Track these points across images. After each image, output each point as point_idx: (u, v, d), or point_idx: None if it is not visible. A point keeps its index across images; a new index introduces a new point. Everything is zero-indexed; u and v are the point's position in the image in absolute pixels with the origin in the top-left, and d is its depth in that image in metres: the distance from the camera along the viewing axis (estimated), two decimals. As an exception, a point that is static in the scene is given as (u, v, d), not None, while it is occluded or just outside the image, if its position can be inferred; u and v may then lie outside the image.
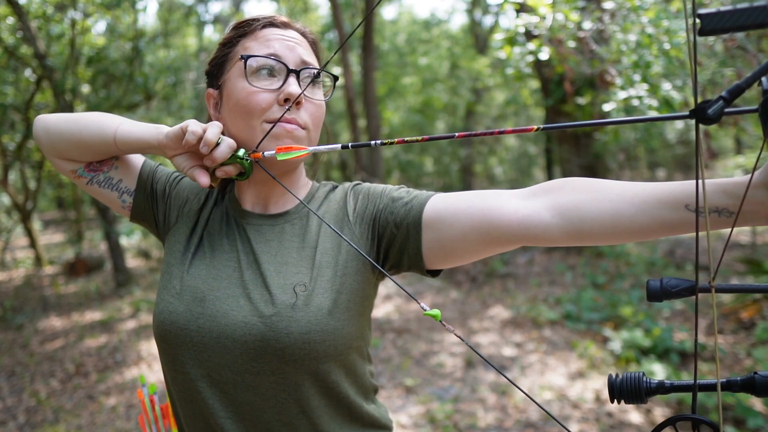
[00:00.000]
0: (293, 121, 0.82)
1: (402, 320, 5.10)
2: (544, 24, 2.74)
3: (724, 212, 0.60)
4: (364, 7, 10.65)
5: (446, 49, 15.67)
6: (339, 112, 14.30)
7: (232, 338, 0.79)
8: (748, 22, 0.39)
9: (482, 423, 3.04)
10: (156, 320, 0.84)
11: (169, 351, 0.83)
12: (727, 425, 2.65)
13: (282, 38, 0.85)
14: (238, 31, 0.87)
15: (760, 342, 3.51)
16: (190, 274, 0.85)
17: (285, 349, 0.77)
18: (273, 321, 0.78)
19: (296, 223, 0.89)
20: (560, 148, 7.26)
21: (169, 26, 10.91)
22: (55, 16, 6.49)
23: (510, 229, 0.72)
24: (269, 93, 0.82)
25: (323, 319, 0.79)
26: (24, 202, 8.07)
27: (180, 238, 0.91)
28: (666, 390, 0.50)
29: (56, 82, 5.56)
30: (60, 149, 0.92)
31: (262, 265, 0.84)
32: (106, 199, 0.98)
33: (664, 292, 0.50)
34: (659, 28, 2.36)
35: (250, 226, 0.89)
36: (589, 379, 3.45)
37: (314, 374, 0.80)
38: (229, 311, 0.80)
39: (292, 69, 0.83)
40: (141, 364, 4.31)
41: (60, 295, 6.79)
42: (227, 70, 0.87)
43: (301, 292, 0.80)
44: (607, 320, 4.39)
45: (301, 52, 0.85)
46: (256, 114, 0.81)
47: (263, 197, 0.91)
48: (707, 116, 0.41)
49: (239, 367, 0.79)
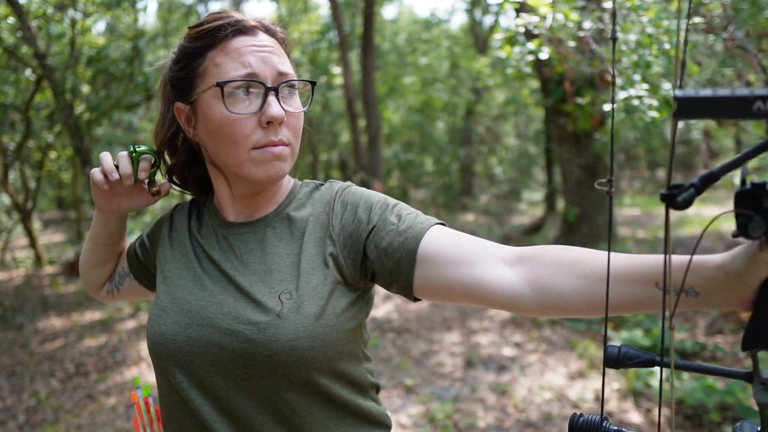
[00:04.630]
0: (279, 143, 0.81)
1: (402, 320, 5.10)
2: (544, 23, 2.74)
3: (691, 292, 0.59)
4: (364, 7, 10.65)
5: (446, 49, 15.67)
6: (339, 112, 14.30)
7: (219, 346, 0.80)
8: (726, 113, 0.38)
9: (482, 423, 3.04)
10: (148, 336, 0.87)
11: (161, 363, 0.85)
12: (727, 425, 2.66)
13: (254, 49, 0.80)
14: (204, 41, 0.82)
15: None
16: (177, 286, 0.87)
17: (272, 356, 0.77)
18: (260, 329, 0.78)
19: (277, 226, 0.88)
20: (560, 147, 7.25)
21: (169, 26, 10.91)
22: (55, 15, 6.49)
23: (493, 297, 0.73)
24: (250, 117, 0.79)
25: (310, 326, 0.78)
26: (24, 202, 8.07)
27: (164, 260, 0.94)
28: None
29: (56, 82, 5.56)
30: (92, 282, 1.13)
31: (246, 275, 0.84)
32: (133, 289, 1.10)
33: (620, 361, 0.51)
34: (659, 28, 2.37)
35: (233, 236, 0.89)
36: (589, 379, 3.45)
37: (304, 378, 0.80)
38: (214, 320, 0.81)
39: (269, 87, 0.80)
40: (141, 364, 4.31)
41: (60, 294, 6.79)
42: (197, 87, 0.83)
43: (287, 299, 0.80)
44: (607, 320, 4.39)
45: (275, 62, 0.81)
46: (241, 144, 0.80)
47: (248, 208, 0.91)
48: (677, 204, 0.41)
49: (229, 373, 0.80)
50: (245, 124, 0.79)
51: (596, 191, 7.04)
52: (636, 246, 7.14)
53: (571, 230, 7.32)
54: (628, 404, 3.09)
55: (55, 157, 8.80)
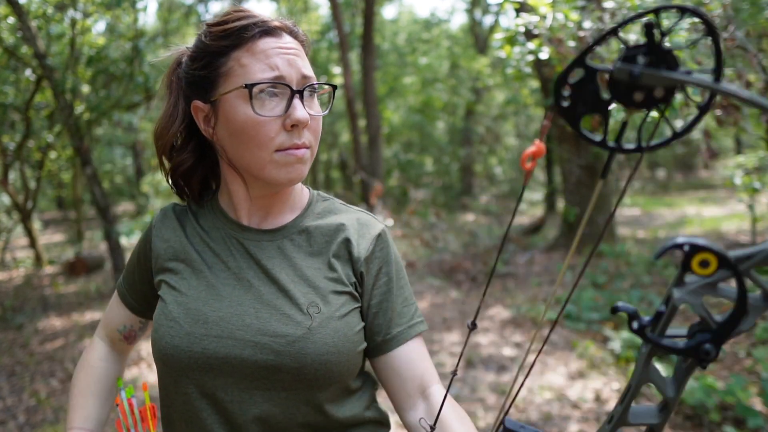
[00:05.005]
0: (302, 146, 0.81)
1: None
2: (544, 23, 2.74)
3: None
4: (364, 7, 10.65)
5: (446, 49, 15.66)
6: (339, 112, 14.30)
7: (240, 358, 0.79)
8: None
9: (482, 423, 3.04)
10: (157, 345, 0.83)
11: (172, 374, 0.83)
12: (727, 425, 2.65)
13: (281, 51, 0.80)
14: (229, 40, 0.80)
15: (760, 342, 3.51)
16: (188, 296, 0.84)
17: (301, 368, 0.78)
18: (288, 341, 0.78)
19: (295, 238, 0.88)
20: (560, 147, 7.25)
21: (169, 26, 10.90)
22: (55, 15, 6.49)
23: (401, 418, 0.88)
24: (276, 119, 0.79)
25: (339, 342, 0.81)
26: (24, 202, 8.07)
27: (165, 270, 0.89)
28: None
29: (56, 82, 5.56)
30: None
31: (267, 283, 0.83)
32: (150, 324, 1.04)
33: None
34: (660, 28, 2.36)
35: (249, 241, 0.87)
36: (589, 379, 3.45)
37: (325, 391, 0.82)
38: (235, 331, 0.80)
39: (295, 90, 0.80)
40: (141, 364, 4.30)
41: (60, 294, 6.79)
42: (220, 86, 0.81)
43: (316, 313, 0.81)
44: (607, 320, 4.39)
45: (300, 65, 0.81)
46: (265, 146, 0.79)
47: (263, 210, 0.89)
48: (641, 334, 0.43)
49: (247, 384, 0.80)
50: (270, 126, 0.79)
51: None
52: (636, 246, 7.14)
53: (571, 230, 7.32)
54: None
55: (55, 157, 8.80)
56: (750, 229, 6.79)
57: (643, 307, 4.49)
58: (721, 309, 4.09)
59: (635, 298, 4.68)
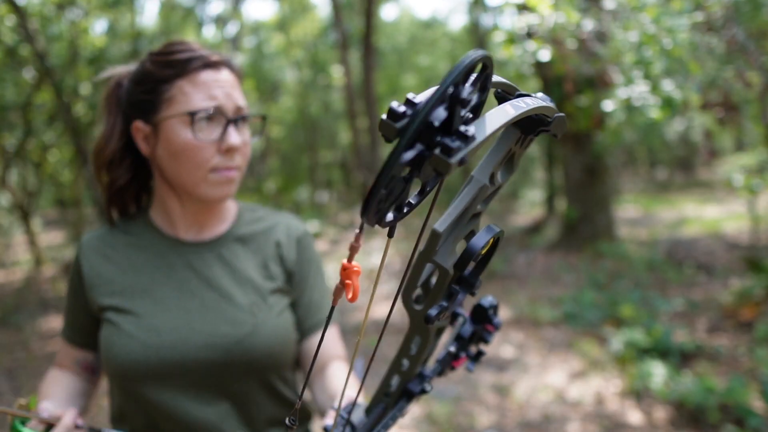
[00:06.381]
0: (233, 167, 0.91)
1: (401, 320, 5.10)
2: (545, 24, 2.74)
3: None
4: (364, 8, 10.64)
5: (446, 52, 15.67)
6: (339, 112, 14.30)
7: (195, 360, 0.86)
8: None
9: (482, 423, 3.04)
10: (113, 363, 0.86)
11: (130, 387, 0.87)
12: (727, 425, 2.65)
13: (219, 84, 0.89)
14: (174, 70, 0.88)
15: (760, 342, 3.51)
16: (137, 314, 0.89)
17: (251, 362, 0.89)
18: (237, 339, 0.88)
19: (232, 246, 0.97)
20: (561, 147, 7.25)
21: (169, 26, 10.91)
22: (55, 15, 6.49)
23: None
24: (212, 144, 0.88)
25: (281, 335, 0.92)
26: (24, 202, 8.06)
27: (108, 295, 0.91)
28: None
29: (56, 82, 5.56)
30: None
31: (210, 290, 0.91)
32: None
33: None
34: (660, 27, 2.36)
35: (190, 254, 0.95)
36: (589, 379, 3.45)
37: (272, 378, 0.94)
38: (187, 336, 0.87)
39: (230, 119, 0.89)
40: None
41: (60, 295, 6.79)
42: (164, 111, 0.89)
43: (258, 311, 0.90)
44: (607, 320, 4.39)
45: (235, 97, 0.91)
46: (201, 166, 0.88)
47: (198, 223, 0.97)
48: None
49: (204, 382, 0.88)
50: (207, 149, 0.88)
51: (597, 192, 7.04)
52: (636, 246, 7.13)
53: (571, 230, 7.32)
54: (629, 404, 3.09)
55: (55, 158, 8.80)
56: (750, 229, 6.79)
57: (644, 307, 4.49)
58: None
59: (635, 298, 4.68)
